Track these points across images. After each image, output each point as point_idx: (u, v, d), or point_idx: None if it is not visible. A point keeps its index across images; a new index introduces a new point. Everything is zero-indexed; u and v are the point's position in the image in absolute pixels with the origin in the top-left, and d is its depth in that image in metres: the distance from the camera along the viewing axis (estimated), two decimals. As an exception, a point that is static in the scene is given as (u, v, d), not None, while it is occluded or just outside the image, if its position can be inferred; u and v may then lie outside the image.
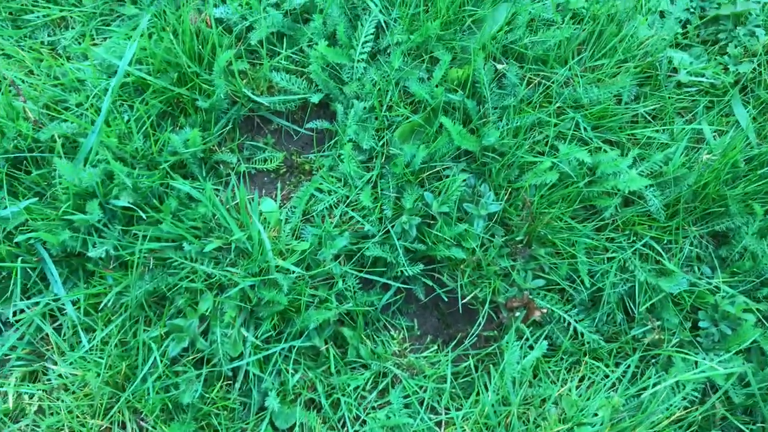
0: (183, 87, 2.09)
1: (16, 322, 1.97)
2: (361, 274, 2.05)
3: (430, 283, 2.11)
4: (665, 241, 2.13)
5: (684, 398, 1.93)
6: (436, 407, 2.00)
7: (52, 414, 1.88)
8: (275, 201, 2.16)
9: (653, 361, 2.06)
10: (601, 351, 2.07)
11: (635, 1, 2.30)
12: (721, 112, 2.27)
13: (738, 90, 2.32)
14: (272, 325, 1.95)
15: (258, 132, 2.28)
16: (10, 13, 2.32)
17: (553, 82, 2.17)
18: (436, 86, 2.12)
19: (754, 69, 2.35)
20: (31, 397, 1.90)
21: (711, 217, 2.14)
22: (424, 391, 2.00)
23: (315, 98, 2.19)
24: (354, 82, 2.19)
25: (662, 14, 2.36)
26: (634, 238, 2.13)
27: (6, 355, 1.95)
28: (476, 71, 2.11)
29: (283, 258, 1.99)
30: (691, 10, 2.39)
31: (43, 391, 1.92)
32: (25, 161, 2.04)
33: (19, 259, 1.94)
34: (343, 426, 1.96)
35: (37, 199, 1.98)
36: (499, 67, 2.16)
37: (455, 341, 2.13)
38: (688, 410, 1.93)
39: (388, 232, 2.07)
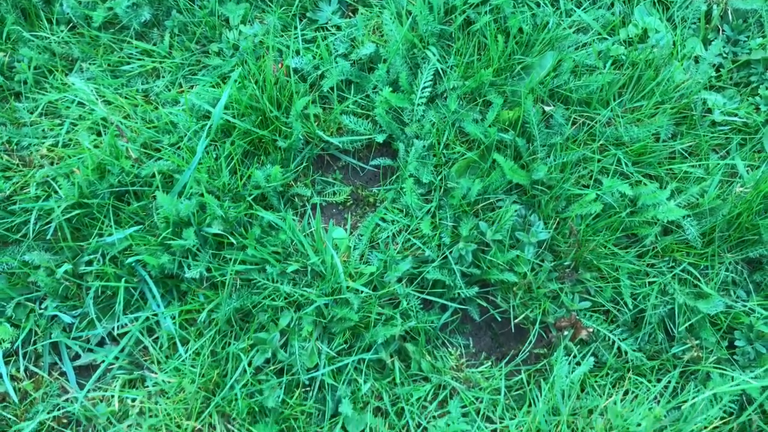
0: (265, 129, 2.36)
1: (119, 336, 2.23)
2: (423, 296, 2.27)
3: (485, 305, 2.32)
4: (702, 267, 2.31)
5: (722, 410, 2.09)
6: (491, 417, 2.19)
7: (152, 416, 2.12)
8: (345, 229, 2.41)
9: (692, 376, 2.22)
10: (643, 367, 2.24)
11: (671, 48, 2.52)
12: (753, 149, 2.44)
13: (769, 128, 2.51)
14: (344, 340, 2.18)
15: (328, 168, 2.54)
16: (109, 65, 2.63)
17: (596, 122, 2.39)
18: (489, 126, 2.36)
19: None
20: (133, 401, 2.15)
21: (745, 245, 2.31)
22: (480, 402, 2.20)
23: (379, 138, 2.45)
24: (414, 123, 2.43)
25: (696, 59, 2.56)
26: (673, 264, 2.31)
27: (110, 364, 2.21)
28: (526, 113, 2.34)
29: (353, 279, 2.22)
30: (724, 55, 2.59)
31: (143, 396, 2.16)
32: (126, 194, 2.32)
33: (123, 279, 2.21)
34: (407, 432, 2.17)
35: (139, 227, 2.25)
36: (547, 109, 2.39)
37: (508, 358, 2.33)
38: (726, 421, 2.08)
39: (446, 257, 2.29)
